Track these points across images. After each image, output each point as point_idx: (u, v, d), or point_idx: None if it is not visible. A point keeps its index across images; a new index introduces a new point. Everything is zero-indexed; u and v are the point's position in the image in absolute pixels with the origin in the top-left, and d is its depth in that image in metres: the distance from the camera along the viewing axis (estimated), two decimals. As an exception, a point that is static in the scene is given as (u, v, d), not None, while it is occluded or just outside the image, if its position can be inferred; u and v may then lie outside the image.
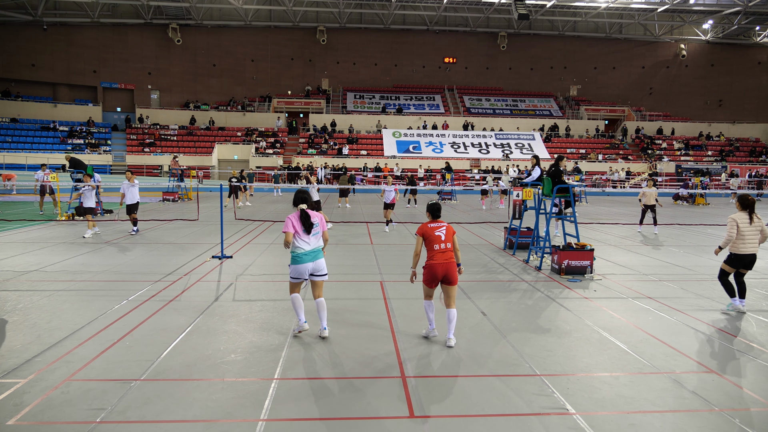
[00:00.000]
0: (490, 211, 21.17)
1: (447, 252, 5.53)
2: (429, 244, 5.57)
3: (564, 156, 10.85)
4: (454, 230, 5.69)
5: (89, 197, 12.82)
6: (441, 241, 5.53)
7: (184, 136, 39.39)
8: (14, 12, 37.78)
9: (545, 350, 5.43)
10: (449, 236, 5.60)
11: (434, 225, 5.64)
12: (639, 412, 4.13)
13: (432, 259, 5.53)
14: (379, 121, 41.87)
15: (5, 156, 31.88)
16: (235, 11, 41.94)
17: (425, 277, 5.58)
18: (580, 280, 8.63)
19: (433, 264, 5.49)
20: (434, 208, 5.78)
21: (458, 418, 4.03)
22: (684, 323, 6.41)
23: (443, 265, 5.47)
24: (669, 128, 44.64)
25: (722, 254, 7.08)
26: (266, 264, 9.71)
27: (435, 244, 5.53)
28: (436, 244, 5.53)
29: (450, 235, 5.61)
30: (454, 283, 5.54)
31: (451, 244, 5.59)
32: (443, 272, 5.48)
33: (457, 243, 5.71)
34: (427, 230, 5.61)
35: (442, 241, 5.53)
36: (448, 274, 5.49)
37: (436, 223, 5.67)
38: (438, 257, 5.50)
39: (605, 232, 14.86)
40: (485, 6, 41.74)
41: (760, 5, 37.77)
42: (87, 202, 12.82)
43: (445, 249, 5.53)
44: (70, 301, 7.02)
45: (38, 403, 4.15)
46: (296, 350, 5.36)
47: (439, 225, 5.64)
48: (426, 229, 5.62)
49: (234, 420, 3.96)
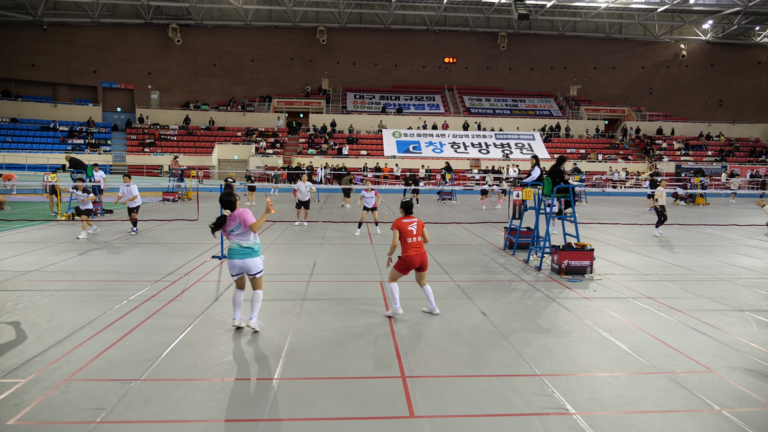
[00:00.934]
0: (490, 211, 21.17)
1: (419, 244, 6.38)
2: (403, 237, 6.38)
3: (566, 157, 10.84)
4: (423, 223, 6.54)
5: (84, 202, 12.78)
6: (413, 235, 6.36)
7: (184, 136, 39.40)
8: (14, 12, 37.78)
9: (545, 350, 5.43)
10: (420, 230, 6.44)
11: (407, 220, 6.44)
12: (639, 412, 4.13)
13: (407, 251, 6.35)
14: (380, 122, 41.88)
15: (5, 156, 31.88)
16: (235, 11, 41.95)
17: (400, 266, 6.37)
18: (580, 280, 8.63)
19: (410, 255, 6.32)
20: (407, 205, 6.58)
21: (458, 418, 4.03)
22: (684, 323, 6.41)
23: (418, 255, 6.34)
24: (669, 128, 44.64)
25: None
26: (266, 264, 9.66)
27: (408, 238, 6.35)
28: (409, 237, 6.35)
29: (420, 229, 6.46)
30: (426, 269, 6.48)
31: (421, 236, 6.43)
32: (419, 262, 6.35)
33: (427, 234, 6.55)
34: (401, 225, 6.41)
35: (414, 235, 6.36)
36: (423, 263, 6.39)
37: (408, 219, 6.47)
38: (412, 249, 6.34)
39: (605, 232, 14.86)
40: (485, 6, 41.74)
41: (760, 5, 37.77)
42: (83, 205, 12.80)
43: (417, 242, 6.37)
44: (70, 301, 7.02)
45: (38, 403, 4.15)
46: (297, 350, 5.36)
47: (411, 220, 6.45)
48: (400, 224, 6.41)
49: (234, 420, 3.96)
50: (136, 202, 13.06)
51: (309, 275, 8.78)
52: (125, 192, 12.99)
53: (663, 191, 14.44)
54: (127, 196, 12.99)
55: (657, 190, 14.53)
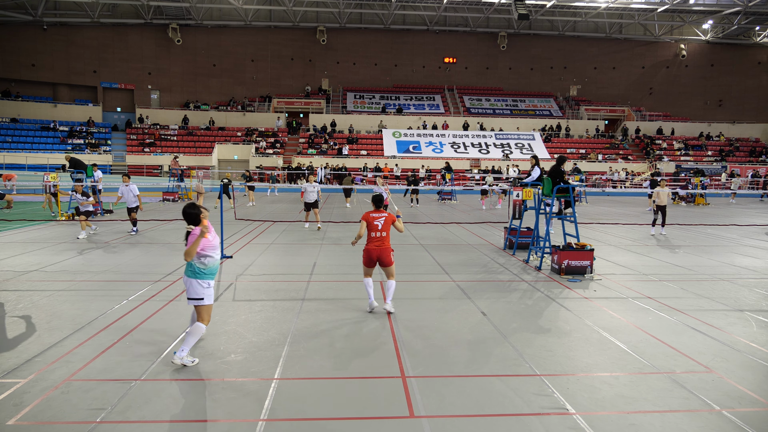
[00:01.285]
0: (490, 211, 21.17)
1: (381, 239, 6.51)
2: (368, 231, 6.56)
3: (566, 158, 10.84)
4: (394, 218, 6.65)
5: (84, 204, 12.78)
6: (378, 230, 6.52)
7: (184, 136, 39.39)
8: (14, 12, 37.78)
9: (545, 350, 5.43)
10: (386, 225, 6.55)
11: (375, 215, 6.60)
12: (639, 412, 4.13)
13: (368, 244, 6.55)
14: (380, 122, 41.87)
15: (5, 156, 31.87)
16: (235, 11, 41.94)
17: (363, 259, 6.59)
18: (580, 280, 8.63)
19: (369, 249, 6.52)
20: (376, 199, 6.72)
21: (458, 418, 4.03)
22: (684, 323, 6.41)
23: (376, 250, 6.48)
24: (669, 128, 44.63)
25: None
26: (266, 264, 9.71)
27: (372, 232, 6.54)
28: (373, 231, 6.53)
29: (387, 224, 6.56)
30: (388, 265, 6.53)
31: (387, 232, 6.54)
32: (377, 256, 6.49)
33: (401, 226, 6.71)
34: (368, 218, 6.59)
35: (378, 230, 6.51)
36: (381, 257, 6.49)
37: (376, 213, 6.62)
38: (372, 243, 6.51)
39: (605, 232, 14.86)
40: (485, 6, 41.74)
41: (760, 5, 37.77)
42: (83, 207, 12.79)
43: (379, 237, 6.50)
44: (70, 301, 7.02)
45: (38, 403, 4.16)
46: (296, 350, 5.36)
47: (380, 215, 6.58)
48: (367, 217, 6.60)
49: (234, 420, 3.96)
50: (135, 202, 13.05)
51: (309, 275, 8.78)
52: (124, 192, 12.97)
53: (661, 191, 14.45)
54: (126, 195, 12.97)
55: (656, 189, 14.55)
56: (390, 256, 6.53)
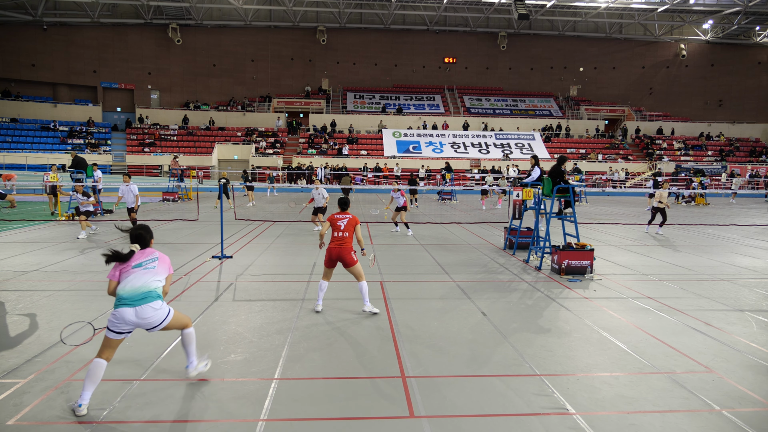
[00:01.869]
0: (490, 211, 21.17)
1: (343, 239, 6.60)
2: (332, 231, 6.73)
3: (566, 157, 10.83)
4: (357, 221, 6.79)
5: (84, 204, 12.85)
6: (340, 230, 6.65)
7: (184, 136, 39.40)
8: (14, 12, 37.78)
9: (545, 350, 5.43)
10: (348, 227, 6.68)
11: (339, 216, 6.77)
12: (639, 412, 4.13)
13: (329, 243, 6.71)
14: (380, 122, 41.86)
15: (5, 156, 31.88)
16: (235, 11, 41.94)
17: (325, 259, 6.70)
18: (580, 280, 8.63)
19: (329, 248, 6.66)
20: (341, 202, 7.01)
21: (458, 418, 4.03)
22: (684, 323, 6.41)
23: (336, 248, 6.58)
24: (669, 128, 44.63)
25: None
26: (266, 264, 9.71)
27: (335, 232, 6.70)
28: (336, 232, 6.68)
29: (350, 226, 6.69)
30: (350, 264, 6.57)
31: (350, 233, 6.65)
32: (336, 255, 6.56)
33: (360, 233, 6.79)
34: (332, 219, 6.79)
35: (341, 230, 6.64)
36: (341, 257, 6.55)
37: (341, 215, 6.79)
38: (333, 242, 6.65)
39: (605, 232, 14.85)
40: (485, 6, 41.74)
41: (760, 5, 37.77)
42: (83, 207, 12.84)
43: (341, 237, 6.60)
44: (70, 301, 7.01)
45: (38, 403, 4.15)
46: (296, 350, 5.36)
47: (343, 216, 6.76)
48: (331, 218, 6.79)
49: (234, 420, 3.96)
50: (134, 202, 13.04)
51: (309, 275, 8.77)
52: (125, 192, 12.96)
53: (663, 192, 14.45)
54: (126, 195, 12.97)
55: (658, 190, 14.55)
56: (351, 255, 6.53)
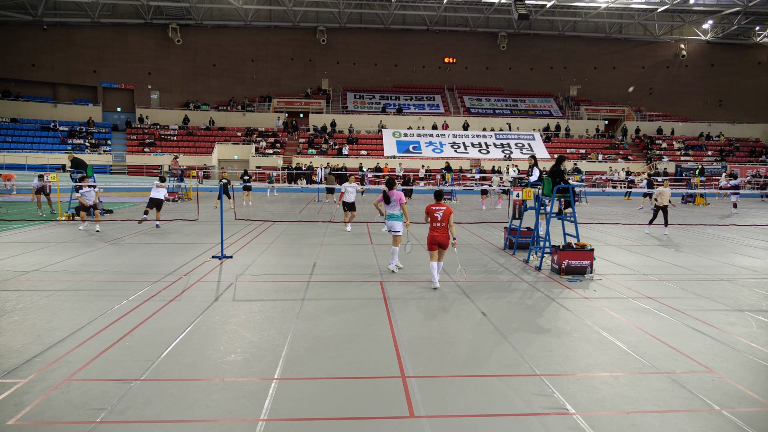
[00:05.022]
0: (490, 211, 21.17)
1: (443, 228, 7.84)
2: (430, 221, 7.95)
3: (565, 157, 10.83)
4: (451, 211, 7.89)
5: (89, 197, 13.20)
6: (437, 220, 7.87)
7: (184, 136, 39.39)
8: (14, 12, 37.78)
9: (545, 350, 5.43)
10: (444, 217, 7.84)
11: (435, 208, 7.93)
12: (639, 412, 4.13)
13: (431, 231, 7.88)
14: (380, 122, 41.86)
15: (5, 156, 31.90)
16: (235, 11, 41.94)
17: (428, 244, 7.95)
18: (580, 280, 8.63)
19: (432, 234, 7.85)
20: (437, 194, 8.22)
21: (458, 418, 4.03)
22: (684, 323, 6.41)
23: (439, 236, 7.85)
24: (669, 128, 44.63)
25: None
26: (266, 264, 9.71)
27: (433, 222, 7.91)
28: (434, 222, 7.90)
29: (446, 217, 7.83)
30: (446, 248, 7.90)
31: (446, 222, 7.83)
32: (439, 241, 7.81)
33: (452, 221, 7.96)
34: (429, 210, 7.99)
35: (438, 221, 7.87)
36: (442, 242, 7.82)
37: (436, 206, 7.96)
38: (435, 230, 7.88)
39: (605, 232, 14.85)
40: (485, 6, 41.73)
41: (760, 5, 37.77)
42: (87, 202, 13.18)
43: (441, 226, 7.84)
44: (70, 301, 7.02)
45: (38, 403, 4.15)
46: (296, 350, 5.36)
47: (439, 208, 7.90)
48: (429, 210, 7.99)
49: (234, 420, 3.96)
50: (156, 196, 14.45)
51: (309, 275, 8.77)
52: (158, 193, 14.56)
53: (663, 191, 14.45)
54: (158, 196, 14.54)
55: (658, 189, 14.55)
56: (448, 241, 7.84)
